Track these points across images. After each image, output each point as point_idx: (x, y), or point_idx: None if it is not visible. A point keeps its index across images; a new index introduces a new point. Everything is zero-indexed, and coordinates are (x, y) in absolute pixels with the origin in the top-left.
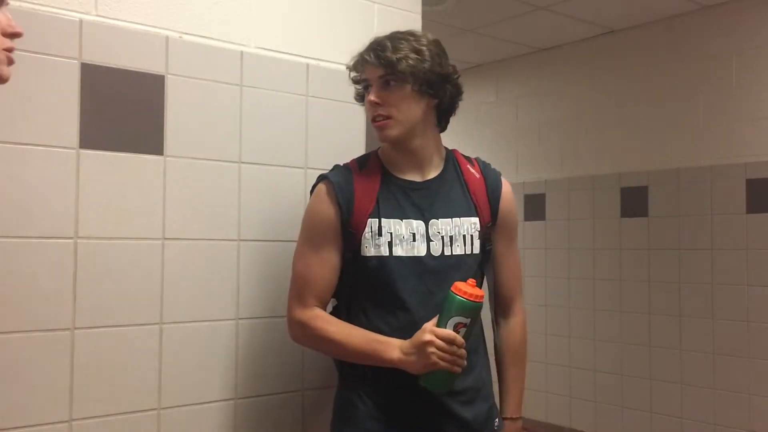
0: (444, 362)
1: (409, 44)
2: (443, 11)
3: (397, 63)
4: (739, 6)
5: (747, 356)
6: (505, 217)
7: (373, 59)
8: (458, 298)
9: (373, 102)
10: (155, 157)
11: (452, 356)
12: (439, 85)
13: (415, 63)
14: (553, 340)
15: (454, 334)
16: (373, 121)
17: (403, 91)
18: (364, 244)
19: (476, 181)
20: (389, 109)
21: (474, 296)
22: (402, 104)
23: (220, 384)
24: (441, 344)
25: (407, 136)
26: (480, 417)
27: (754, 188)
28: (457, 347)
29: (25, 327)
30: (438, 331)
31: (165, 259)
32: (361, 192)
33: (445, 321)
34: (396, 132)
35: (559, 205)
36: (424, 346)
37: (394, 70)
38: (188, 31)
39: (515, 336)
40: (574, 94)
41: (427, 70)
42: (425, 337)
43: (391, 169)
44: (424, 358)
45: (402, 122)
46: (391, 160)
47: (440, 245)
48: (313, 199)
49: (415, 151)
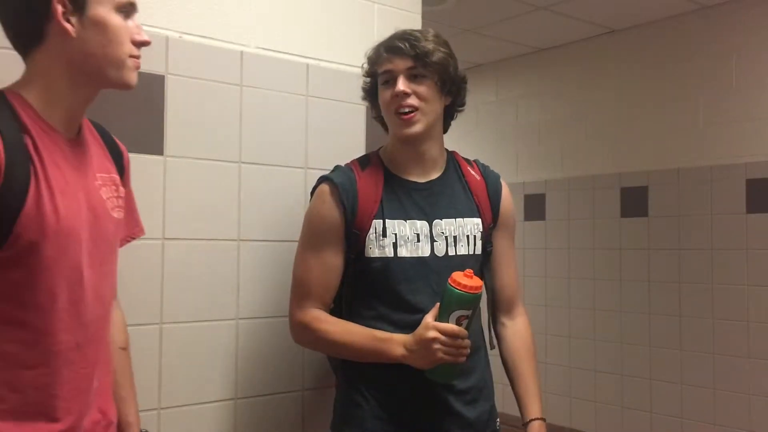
0: (449, 356)
1: (435, 39)
2: (443, 11)
3: (431, 54)
4: (739, 6)
5: (747, 356)
6: (505, 218)
7: (407, 48)
8: (457, 292)
9: (401, 92)
10: (155, 157)
11: (457, 349)
12: (458, 85)
13: (445, 57)
14: (553, 340)
15: (457, 328)
16: (397, 114)
17: (429, 84)
18: (368, 245)
19: (477, 182)
20: (416, 101)
21: (473, 288)
22: (428, 97)
23: (220, 384)
24: (445, 340)
25: (427, 134)
26: (483, 416)
27: (754, 188)
28: (461, 339)
29: None
30: (441, 327)
31: (165, 259)
32: (365, 193)
33: (447, 315)
34: (421, 127)
35: (559, 205)
36: (428, 343)
37: (426, 61)
38: (188, 31)
39: (525, 335)
40: (574, 94)
41: (453, 67)
42: (429, 334)
43: (393, 170)
44: (429, 354)
45: (428, 116)
46: (395, 160)
47: (444, 245)
48: (315, 201)
49: (423, 150)
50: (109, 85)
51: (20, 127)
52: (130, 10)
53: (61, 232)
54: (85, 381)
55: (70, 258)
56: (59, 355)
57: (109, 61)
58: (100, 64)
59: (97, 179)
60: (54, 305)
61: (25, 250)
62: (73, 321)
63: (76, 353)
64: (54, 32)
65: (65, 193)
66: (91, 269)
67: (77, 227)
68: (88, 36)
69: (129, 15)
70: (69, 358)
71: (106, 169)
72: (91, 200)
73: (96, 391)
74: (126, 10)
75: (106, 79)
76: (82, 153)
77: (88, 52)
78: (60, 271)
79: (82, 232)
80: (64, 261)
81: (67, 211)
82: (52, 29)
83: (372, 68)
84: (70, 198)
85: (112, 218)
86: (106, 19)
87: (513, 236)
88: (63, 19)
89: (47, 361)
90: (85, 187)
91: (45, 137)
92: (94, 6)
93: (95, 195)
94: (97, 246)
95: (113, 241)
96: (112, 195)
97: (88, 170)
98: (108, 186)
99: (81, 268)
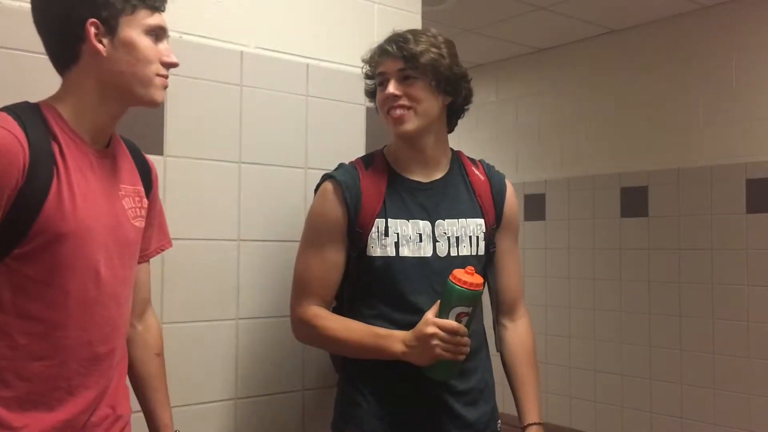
0: (448, 353)
1: (429, 40)
2: (443, 11)
3: (420, 56)
4: (739, 6)
5: (747, 356)
6: (509, 220)
7: (395, 50)
8: (458, 288)
9: (391, 95)
10: (155, 157)
11: (456, 346)
12: (455, 83)
13: (436, 57)
14: (553, 340)
15: (457, 324)
16: (387, 113)
17: (422, 84)
18: (370, 244)
19: (481, 183)
20: (408, 101)
21: (473, 285)
22: (421, 98)
23: (220, 384)
24: (444, 335)
25: (423, 132)
26: (483, 418)
27: (754, 188)
28: (460, 336)
29: None
30: (440, 323)
31: (165, 259)
32: (368, 192)
33: (447, 311)
34: (413, 126)
35: (559, 205)
36: (427, 339)
37: (415, 63)
38: (188, 31)
39: (526, 337)
40: (574, 94)
41: (446, 66)
42: (428, 330)
43: (397, 169)
44: (428, 350)
45: (420, 116)
46: (398, 160)
47: (446, 246)
48: (318, 199)
49: (425, 149)
50: (136, 102)
51: (49, 135)
52: (160, 33)
53: (79, 232)
54: (95, 377)
55: (87, 258)
56: (69, 349)
57: (137, 79)
58: (129, 81)
59: (121, 189)
60: (67, 302)
61: (43, 248)
62: (87, 318)
63: (87, 349)
64: (88, 52)
65: (86, 198)
66: (108, 271)
67: (96, 230)
68: (118, 56)
69: (159, 38)
70: (80, 353)
71: (131, 182)
72: (114, 207)
73: (107, 388)
74: (156, 33)
75: (134, 96)
76: (109, 164)
77: (117, 71)
78: (75, 270)
79: (101, 236)
80: (81, 260)
81: (86, 213)
82: (86, 49)
83: (370, 70)
84: (91, 202)
85: (134, 226)
86: (135, 41)
87: (516, 238)
88: (96, 40)
89: (56, 354)
90: (109, 195)
91: (72, 146)
92: (125, 28)
93: (118, 203)
94: (117, 250)
95: (133, 247)
96: (134, 206)
97: (113, 180)
98: (131, 197)
99: (98, 268)
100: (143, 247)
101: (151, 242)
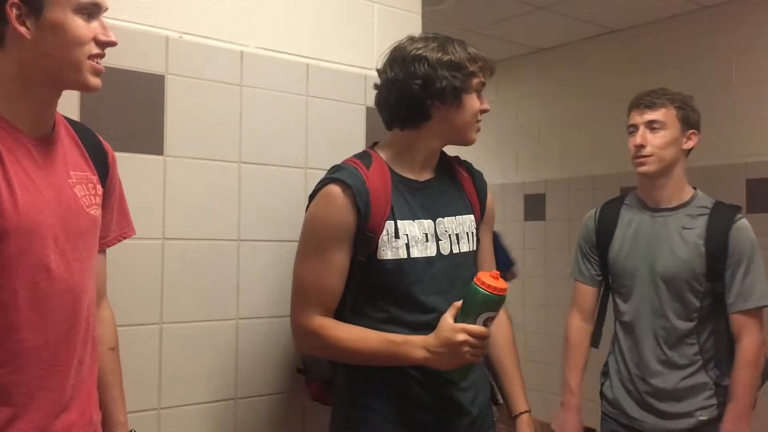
0: (475, 357)
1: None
2: (443, 11)
3: None
4: (739, 6)
5: None
6: (489, 215)
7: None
8: (486, 294)
9: None
10: (155, 157)
11: (482, 350)
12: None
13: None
14: (553, 340)
15: (486, 330)
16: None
17: None
18: (381, 247)
19: (466, 179)
20: None
21: (501, 290)
22: None
23: (220, 384)
24: (474, 342)
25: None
26: (483, 410)
27: (754, 188)
28: (486, 340)
29: None
30: (470, 329)
31: (165, 259)
32: (376, 194)
33: (474, 316)
34: None
35: (559, 205)
36: (458, 346)
37: None
38: (188, 31)
39: (506, 328)
40: (574, 94)
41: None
42: (458, 337)
43: (394, 168)
44: (457, 357)
45: None
46: (396, 159)
47: (449, 244)
48: (322, 203)
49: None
50: (68, 87)
51: None
52: (94, 10)
53: (22, 228)
54: (57, 380)
55: (35, 254)
56: (25, 353)
57: (67, 62)
58: (58, 65)
59: (71, 177)
60: (16, 303)
61: None
62: (40, 319)
63: (45, 351)
64: (10, 36)
65: (28, 190)
66: (61, 265)
67: (42, 222)
68: (44, 38)
69: (94, 15)
70: (37, 356)
71: (81, 168)
72: (63, 197)
73: (73, 390)
74: (89, 11)
75: (63, 81)
76: (52, 151)
77: (44, 54)
78: (22, 268)
79: (49, 229)
80: (27, 257)
81: (29, 206)
82: (9, 33)
83: (470, 68)
84: (33, 194)
85: (88, 215)
86: (63, 22)
87: (492, 232)
88: (18, 22)
89: (12, 359)
90: (56, 184)
91: (6, 136)
92: (51, 8)
93: (68, 192)
94: (70, 242)
95: (90, 238)
96: (87, 193)
97: (59, 168)
98: (83, 184)
99: (47, 264)
100: (101, 235)
101: (109, 230)
